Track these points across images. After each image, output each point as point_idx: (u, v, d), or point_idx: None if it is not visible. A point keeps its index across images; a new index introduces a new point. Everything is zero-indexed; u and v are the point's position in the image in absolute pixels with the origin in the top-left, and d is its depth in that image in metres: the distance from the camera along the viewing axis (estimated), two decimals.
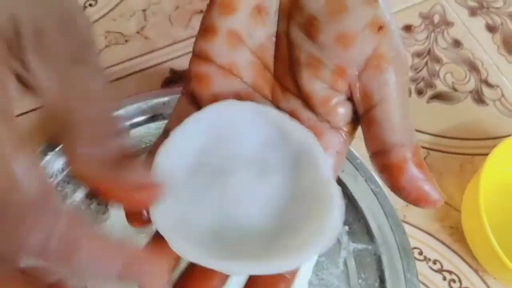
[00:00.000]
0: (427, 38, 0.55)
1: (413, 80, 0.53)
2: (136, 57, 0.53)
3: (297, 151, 0.25)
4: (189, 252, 0.23)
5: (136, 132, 0.45)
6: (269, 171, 0.25)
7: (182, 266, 0.26)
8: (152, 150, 0.27)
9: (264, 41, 0.28)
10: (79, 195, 0.43)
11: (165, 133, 0.28)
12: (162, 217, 0.23)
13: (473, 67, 0.54)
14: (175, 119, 0.28)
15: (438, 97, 0.52)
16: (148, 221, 0.24)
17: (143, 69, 0.52)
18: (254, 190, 0.25)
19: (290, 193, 0.25)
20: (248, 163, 0.25)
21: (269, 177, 0.25)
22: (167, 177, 0.24)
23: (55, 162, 0.43)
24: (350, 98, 0.26)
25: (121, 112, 0.45)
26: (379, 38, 0.24)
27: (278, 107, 0.28)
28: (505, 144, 0.42)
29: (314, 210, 0.24)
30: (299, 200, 0.25)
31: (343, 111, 0.27)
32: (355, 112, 0.27)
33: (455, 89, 0.52)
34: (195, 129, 0.25)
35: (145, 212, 0.24)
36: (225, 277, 0.25)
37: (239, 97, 0.27)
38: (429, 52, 0.55)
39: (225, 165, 0.25)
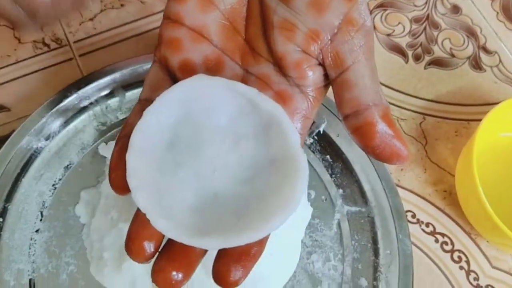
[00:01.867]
0: (426, 3, 0.55)
1: (411, 46, 0.53)
2: (132, 21, 0.52)
3: (266, 121, 0.26)
4: (167, 229, 0.23)
5: (132, 95, 0.46)
6: (240, 141, 0.26)
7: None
8: (125, 125, 0.27)
9: (235, 5, 0.28)
10: (76, 157, 0.43)
11: (140, 102, 0.28)
12: (142, 195, 0.24)
13: (471, 33, 0.53)
14: (149, 87, 0.29)
15: (436, 63, 0.52)
16: (128, 189, 0.25)
17: (139, 34, 0.52)
18: (227, 160, 0.26)
19: (261, 162, 0.26)
20: (221, 135, 0.26)
21: (241, 147, 0.26)
22: (143, 155, 0.25)
23: (51, 124, 0.43)
24: (321, 64, 0.27)
25: (116, 75, 0.45)
26: (350, 5, 0.26)
27: (247, 71, 0.28)
28: (499, 109, 0.42)
29: (283, 178, 0.25)
30: (269, 170, 0.25)
31: (314, 75, 0.27)
32: (324, 77, 0.27)
33: (452, 55, 0.52)
34: (167, 107, 0.25)
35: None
36: (204, 251, 0.26)
37: (208, 61, 0.28)
38: (427, 17, 0.54)
39: (199, 138, 0.26)
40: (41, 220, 0.41)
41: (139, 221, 0.25)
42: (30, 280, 0.39)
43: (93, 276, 0.38)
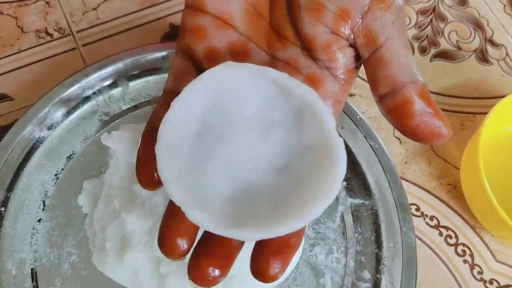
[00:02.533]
0: None
1: (417, 38, 0.52)
2: (136, 11, 0.52)
3: (298, 107, 0.25)
4: (204, 221, 0.22)
5: (135, 85, 0.45)
6: (272, 129, 0.25)
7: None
8: (151, 118, 0.27)
9: None
10: (79, 147, 0.43)
11: (165, 94, 0.27)
12: (176, 188, 0.23)
13: (478, 26, 0.53)
14: (173, 78, 0.28)
15: (442, 55, 0.51)
16: (159, 183, 0.24)
17: (143, 24, 0.51)
18: (259, 149, 0.25)
19: (295, 149, 0.25)
20: (251, 123, 0.25)
21: (273, 135, 0.25)
22: (173, 147, 0.24)
23: (54, 114, 0.43)
24: (352, 45, 0.26)
25: (119, 65, 0.45)
26: None
27: (274, 56, 0.28)
28: (505, 103, 0.42)
29: (320, 164, 0.24)
30: (304, 155, 0.25)
31: (344, 58, 0.26)
32: (355, 59, 0.26)
33: (459, 48, 0.52)
34: (195, 97, 0.25)
35: (156, 175, 0.24)
36: (240, 244, 0.25)
37: (234, 48, 0.27)
38: (434, 9, 0.54)
39: (229, 128, 0.25)
40: (43, 209, 0.41)
41: (171, 215, 0.25)
42: (32, 269, 0.39)
43: (95, 266, 0.38)
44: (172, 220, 0.24)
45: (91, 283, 0.38)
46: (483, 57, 0.51)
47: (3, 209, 0.40)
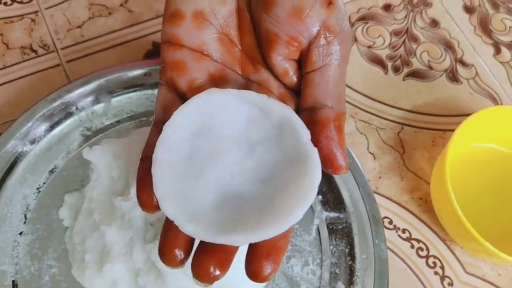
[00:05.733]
0: (405, 17, 0.57)
1: (391, 58, 0.54)
2: (119, 29, 0.53)
3: (278, 124, 0.27)
4: (196, 232, 0.25)
5: (117, 101, 0.47)
6: (255, 146, 0.28)
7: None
8: (146, 147, 0.29)
9: (228, 17, 0.30)
10: (61, 162, 0.44)
11: (155, 124, 0.29)
12: (169, 204, 0.25)
13: (449, 47, 0.55)
14: (161, 109, 0.30)
15: (414, 74, 0.53)
16: (158, 207, 0.26)
17: (126, 42, 0.53)
18: (245, 165, 0.27)
19: (277, 161, 0.27)
20: (236, 143, 0.28)
21: (256, 151, 0.27)
22: (167, 167, 0.26)
23: (37, 128, 0.44)
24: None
25: (102, 81, 0.46)
26: (329, 13, 0.27)
27: (249, 79, 0.30)
28: (471, 120, 0.44)
29: (299, 172, 0.26)
30: (284, 166, 0.27)
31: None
32: None
33: (430, 67, 0.54)
34: (184, 121, 0.27)
35: (155, 199, 0.26)
36: (234, 248, 0.27)
37: (213, 77, 0.29)
38: (407, 31, 0.56)
39: (216, 148, 0.27)
40: (24, 222, 0.41)
41: (168, 229, 0.27)
42: (13, 281, 0.39)
43: (75, 278, 0.38)
44: (169, 233, 0.27)
45: None
46: (453, 77, 0.54)
47: None
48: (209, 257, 0.26)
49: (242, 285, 0.37)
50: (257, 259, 0.26)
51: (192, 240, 0.27)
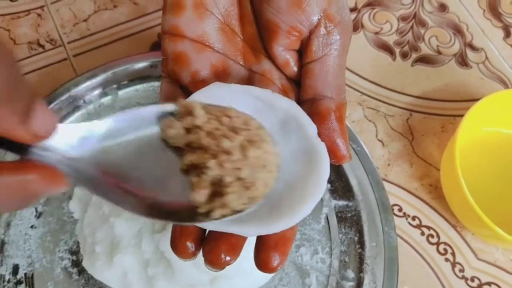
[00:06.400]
0: (413, 2, 0.56)
1: (398, 43, 0.54)
2: (125, 22, 0.53)
3: (283, 119, 0.27)
4: (207, 223, 0.25)
5: (125, 93, 0.47)
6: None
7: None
8: None
9: (229, 6, 0.29)
10: None
11: None
12: None
13: (458, 31, 0.54)
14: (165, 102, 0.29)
15: (423, 60, 0.53)
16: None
17: (132, 34, 0.53)
18: None
19: (284, 156, 0.27)
20: None
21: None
22: None
23: None
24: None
25: (109, 74, 0.46)
26: (329, 2, 0.27)
27: (251, 70, 0.30)
28: (480, 105, 0.43)
29: (306, 168, 0.26)
30: (292, 161, 0.27)
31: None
32: None
33: (439, 52, 0.53)
34: None
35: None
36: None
37: (215, 69, 0.29)
38: (414, 16, 0.55)
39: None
40: (35, 216, 0.42)
41: None
42: (25, 274, 0.40)
43: (86, 270, 0.39)
44: (179, 226, 0.27)
45: (82, 286, 0.39)
46: (463, 61, 0.53)
47: None
48: (220, 244, 0.26)
49: (252, 273, 0.37)
50: (265, 250, 0.26)
51: (203, 232, 0.27)
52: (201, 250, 0.27)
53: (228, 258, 0.26)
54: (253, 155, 0.24)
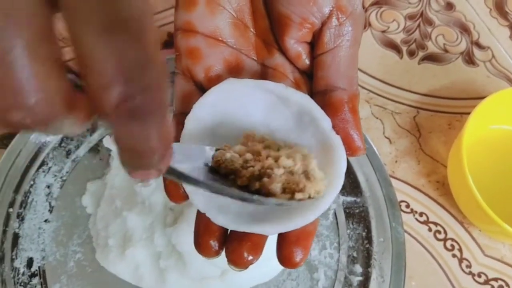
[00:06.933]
0: (420, 1, 0.56)
1: (405, 42, 0.54)
2: None
3: (297, 113, 0.27)
4: (227, 223, 0.25)
5: None
6: (276, 134, 0.28)
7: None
8: None
9: (240, 1, 0.29)
10: (82, 151, 0.45)
11: (176, 116, 0.29)
12: (199, 197, 0.26)
13: (464, 29, 0.55)
14: (180, 101, 0.29)
15: (430, 58, 0.53)
16: (185, 197, 0.27)
17: None
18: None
19: None
20: (257, 131, 0.27)
21: (278, 140, 0.27)
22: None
23: None
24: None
25: None
26: None
27: (264, 64, 0.30)
28: (487, 103, 0.44)
29: (325, 163, 0.26)
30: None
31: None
32: None
33: (446, 51, 0.54)
34: (205, 113, 0.27)
35: (182, 189, 0.26)
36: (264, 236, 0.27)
37: (229, 64, 0.29)
38: (421, 14, 0.56)
39: (238, 137, 0.27)
40: (49, 210, 0.43)
41: (201, 220, 0.27)
42: (39, 267, 0.41)
43: (99, 263, 0.40)
44: (202, 225, 0.27)
45: (95, 279, 0.40)
46: (469, 59, 0.53)
47: (11, 210, 0.42)
48: (242, 244, 0.26)
49: (262, 267, 0.38)
50: (287, 245, 0.26)
51: (225, 231, 0.27)
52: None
53: (250, 257, 0.26)
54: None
